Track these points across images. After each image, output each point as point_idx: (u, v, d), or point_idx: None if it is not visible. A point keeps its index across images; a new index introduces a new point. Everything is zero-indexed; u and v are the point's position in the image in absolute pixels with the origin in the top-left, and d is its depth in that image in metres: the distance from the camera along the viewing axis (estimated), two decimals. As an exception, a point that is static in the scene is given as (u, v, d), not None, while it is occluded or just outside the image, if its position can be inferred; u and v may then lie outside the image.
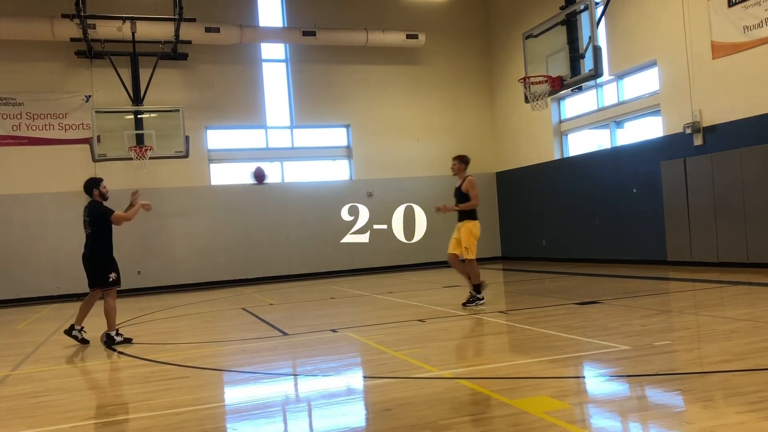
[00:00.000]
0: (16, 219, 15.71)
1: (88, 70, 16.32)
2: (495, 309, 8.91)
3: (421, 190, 18.81)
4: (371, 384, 5.18)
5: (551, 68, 12.51)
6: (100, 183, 8.10)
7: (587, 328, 6.83)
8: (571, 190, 16.48)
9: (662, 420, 3.74)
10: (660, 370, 4.82)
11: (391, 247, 18.60)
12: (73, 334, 7.86)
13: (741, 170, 11.79)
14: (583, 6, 11.92)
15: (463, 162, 9.25)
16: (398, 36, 18.28)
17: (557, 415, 3.85)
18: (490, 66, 19.85)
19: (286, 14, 18.18)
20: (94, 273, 7.83)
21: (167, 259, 16.80)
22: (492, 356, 5.82)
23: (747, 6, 11.44)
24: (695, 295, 9.30)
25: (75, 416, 4.76)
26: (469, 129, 19.64)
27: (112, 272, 7.81)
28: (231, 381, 5.75)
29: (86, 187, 8.05)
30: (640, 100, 14.52)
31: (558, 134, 17.32)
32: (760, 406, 3.79)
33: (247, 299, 12.63)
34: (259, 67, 18.04)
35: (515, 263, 18.18)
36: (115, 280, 7.81)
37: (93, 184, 8.04)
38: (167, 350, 7.24)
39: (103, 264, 7.80)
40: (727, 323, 6.56)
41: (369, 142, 18.72)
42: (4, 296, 15.37)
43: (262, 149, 18.14)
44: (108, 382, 5.90)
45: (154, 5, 15.77)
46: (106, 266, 7.80)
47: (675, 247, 13.24)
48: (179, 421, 4.32)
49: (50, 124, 16.13)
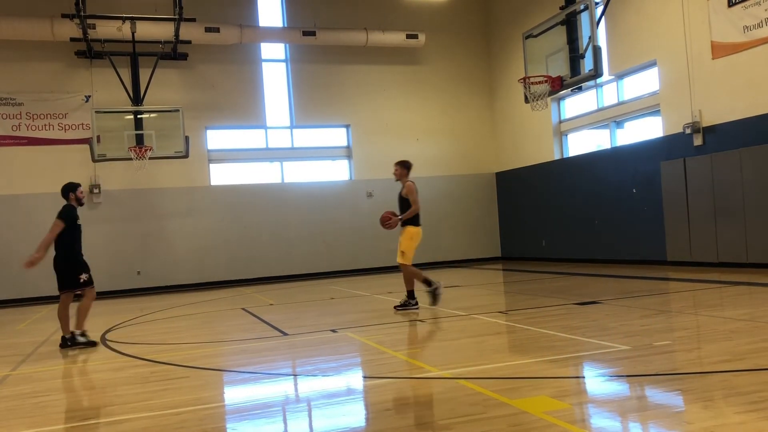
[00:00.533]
0: (16, 219, 15.71)
1: (88, 70, 16.32)
2: (495, 309, 8.91)
3: (421, 190, 18.66)
4: (371, 384, 5.18)
5: (551, 68, 12.52)
6: (77, 188, 8.00)
7: (587, 328, 6.83)
8: (571, 190, 16.48)
9: (662, 420, 3.74)
10: (660, 370, 4.82)
11: (391, 247, 18.52)
12: (68, 344, 7.70)
13: (741, 170, 11.79)
14: (583, 6, 11.93)
15: (405, 167, 9.22)
16: (398, 36, 18.28)
17: (557, 415, 3.85)
18: (490, 66, 19.85)
19: (286, 14, 18.18)
20: (63, 276, 7.74)
21: (167, 259, 16.80)
22: (492, 356, 5.82)
23: (747, 6, 11.44)
24: (695, 295, 9.30)
25: (75, 416, 4.77)
26: (469, 129, 19.64)
27: (82, 273, 7.72)
28: (231, 381, 5.75)
29: (63, 191, 7.95)
30: (640, 100, 14.52)
31: (558, 134, 17.32)
32: (760, 406, 3.79)
33: (247, 299, 12.63)
34: (259, 67, 18.04)
35: (515, 263, 18.18)
36: (86, 281, 7.73)
37: (70, 188, 7.96)
38: (167, 350, 7.24)
39: (69, 266, 7.69)
40: (727, 323, 6.56)
41: (369, 142, 18.72)
42: (4, 296, 15.38)
43: (262, 149, 18.14)
44: (108, 382, 5.90)
45: (154, 5, 15.78)
46: (76, 268, 7.70)
47: (675, 247, 13.24)
48: (179, 421, 4.32)
49: (50, 124, 16.13)
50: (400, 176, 9.23)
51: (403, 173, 9.22)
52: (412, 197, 9.00)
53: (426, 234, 19.07)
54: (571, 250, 16.53)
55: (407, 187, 9.08)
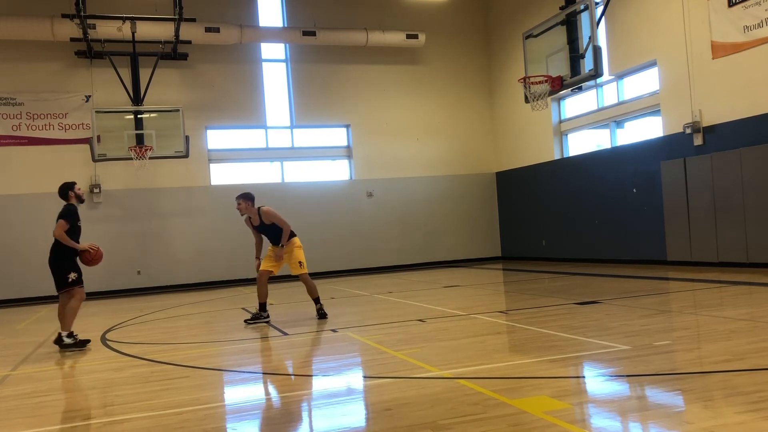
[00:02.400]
0: (16, 219, 15.71)
1: (88, 70, 16.32)
2: (495, 309, 8.91)
3: (421, 190, 18.84)
4: (371, 384, 5.18)
5: (551, 68, 12.52)
6: (74, 185, 7.96)
7: (587, 328, 6.83)
8: (571, 190, 16.48)
9: (662, 420, 3.74)
10: (660, 370, 4.82)
11: (391, 246, 18.61)
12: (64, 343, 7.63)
13: (741, 170, 11.78)
14: (583, 6, 11.93)
15: (248, 199, 8.76)
16: (398, 36, 18.28)
17: (557, 415, 3.85)
18: (490, 66, 19.84)
19: (286, 14, 18.18)
20: (54, 274, 7.70)
21: (167, 259, 16.80)
22: (492, 356, 5.82)
23: (747, 6, 11.44)
24: (695, 295, 9.30)
25: (75, 416, 4.77)
26: (469, 129, 19.65)
27: (71, 272, 7.66)
28: (231, 381, 5.75)
29: (61, 191, 7.88)
30: (640, 100, 14.52)
31: (558, 134, 17.32)
32: (760, 406, 3.79)
33: (247, 299, 12.62)
34: (259, 67, 18.04)
35: (515, 263, 18.18)
36: (75, 280, 7.64)
37: (68, 187, 7.89)
38: (167, 350, 7.24)
39: (58, 265, 7.64)
40: (727, 323, 6.56)
41: (369, 142, 18.72)
42: (4, 296, 15.38)
43: (262, 149, 18.15)
44: (108, 382, 5.90)
45: (154, 5, 15.77)
46: (65, 267, 7.64)
47: (675, 247, 13.24)
48: (179, 421, 4.32)
49: (50, 124, 16.13)
50: (247, 209, 8.73)
51: (248, 206, 8.73)
52: (279, 219, 8.68)
53: (426, 234, 19.20)
54: (571, 250, 16.53)
55: (266, 214, 8.69)
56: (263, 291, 8.93)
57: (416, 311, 9.09)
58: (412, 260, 18.69)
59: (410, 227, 18.74)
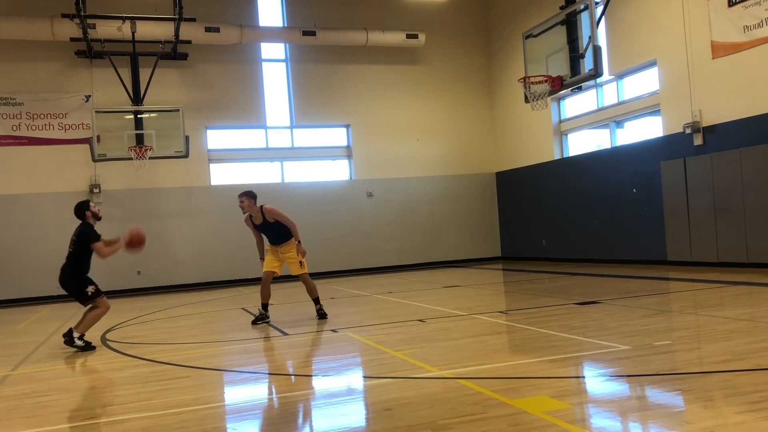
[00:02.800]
0: (16, 219, 15.70)
1: (88, 70, 16.31)
2: (495, 309, 8.91)
3: (421, 190, 18.84)
4: (371, 384, 5.18)
5: (551, 68, 12.52)
6: (89, 204, 8.00)
7: (587, 328, 6.83)
8: (571, 190, 16.48)
9: (662, 420, 3.74)
10: (660, 370, 4.82)
11: (391, 246, 18.61)
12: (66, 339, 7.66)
13: (741, 170, 11.78)
14: (583, 6, 11.93)
15: (251, 197, 8.78)
16: (398, 36, 18.28)
17: (557, 415, 3.85)
18: (490, 66, 19.84)
19: (286, 14, 18.18)
20: (73, 293, 7.79)
21: (167, 259, 16.79)
22: (492, 356, 5.82)
23: (747, 6, 11.44)
24: (695, 295, 9.30)
25: (75, 416, 4.77)
26: (468, 129, 19.64)
27: (89, 286, 7.74)
28: (231, 381, 5.75)
29: (78, 211, 7.92)
30: (640, 100, 14.52)
31: (558, 134, 17.32)
32: (760, 406, 3.79)
33: (247, 299, 12.62)
34: (259, 67, 18.04)
35: (515, 263, 18.18)
36: (95, 292, 7.73)
37: (84, 207, 7.91)
38: (167, 350, 7.24)
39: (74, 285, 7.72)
40: (727, 323, 6.56)
41: (369, 142, 18.72)
42: (4, 296, 15.37)
43: (262, 149, 18.15)
44: (108, 382, 5.90)
45: (154, 5, 15.76)
46: (81, 283, 7.72)
47: (675, 247, 13.24)
48: (179, 421, 4.32)
49: (50, 124, 16.13)
50: (249, 207, 8.73)
51: (251, 203, 8.77)
52: (282, 216, 8.66)
53: (426, 234, 19.18)
54: (571, 250, 16.53)
55: (269, 212, 8.69)
56: (266, 292, 8.91)
57: (416, 311, 9.09)
58: (412, 260, 18.69)
59: (410, 227, 18.74)
